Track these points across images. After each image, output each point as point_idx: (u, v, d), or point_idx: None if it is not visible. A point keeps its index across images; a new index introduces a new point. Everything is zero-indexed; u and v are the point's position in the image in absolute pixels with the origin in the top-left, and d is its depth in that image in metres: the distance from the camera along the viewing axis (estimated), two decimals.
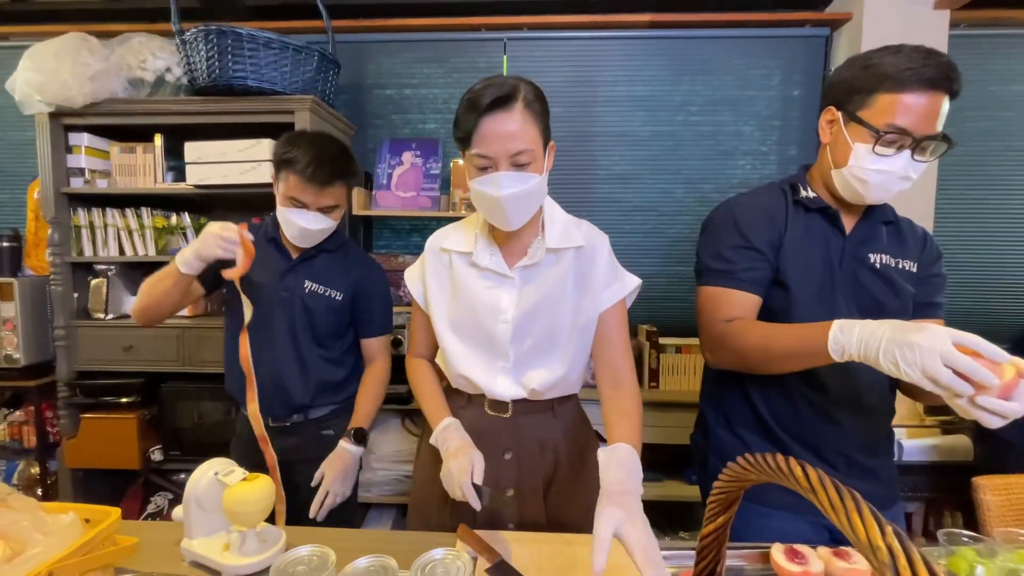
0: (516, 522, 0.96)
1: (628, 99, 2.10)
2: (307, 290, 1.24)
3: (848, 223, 0.98)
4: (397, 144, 2.00)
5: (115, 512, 0.82)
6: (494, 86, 0.82)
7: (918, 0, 1.82)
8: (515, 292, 0.94)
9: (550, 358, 0.94)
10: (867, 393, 0.96)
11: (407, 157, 1.97)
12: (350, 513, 1.32)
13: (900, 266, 0.98)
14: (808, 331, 0.80)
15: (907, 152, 0.85)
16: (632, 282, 0.97)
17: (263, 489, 0.83)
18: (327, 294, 1.25)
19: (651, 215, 2.14)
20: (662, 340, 1.90)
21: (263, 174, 1.61)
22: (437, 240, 1.02)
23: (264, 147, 1.60)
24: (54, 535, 0.77)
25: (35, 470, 1.89)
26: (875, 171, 0.87)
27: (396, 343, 1.88)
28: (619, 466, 0.76)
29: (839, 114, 0.92)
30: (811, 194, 0.98)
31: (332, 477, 1.12)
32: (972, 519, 1.06)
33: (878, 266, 0.96)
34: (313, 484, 1.14)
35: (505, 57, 2.08)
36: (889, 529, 0.27)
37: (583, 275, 0.95)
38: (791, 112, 2.08)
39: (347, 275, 1.28)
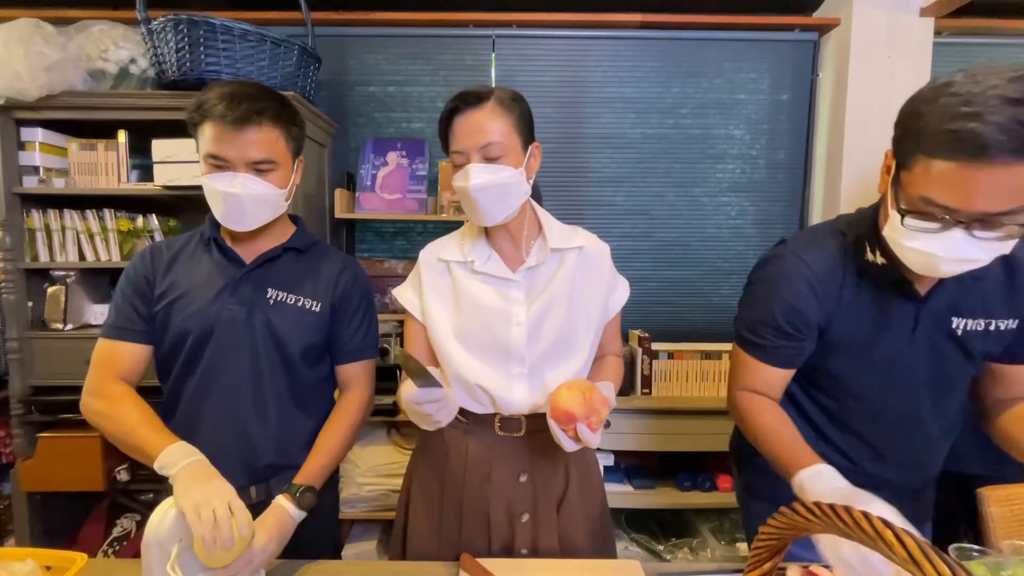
0: (529, 548, 0.92)
1: (619, 100, 2.06)
2: (271, 301, 0.95)
3: (924, 284, 0.81)
4: (382, 144, 1.91)
5: (80, 558, 0.74)
6: (468, 90, 0.87)
7: (904, 8, 1.84)
8: (522, 295, 0.93)
9: (566, 357, 0.94)
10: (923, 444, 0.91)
11: (392, 157, 1.89)
12: (331, 532, 1.12)
13: (992, 327, 0.82)
14: (785, 457, 0.80)
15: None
16: (626, 286, 1.03)
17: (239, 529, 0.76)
18: (300, 304, 0.97)
19: (642, 219, 2.11)
20: (655, 346, 1.88)
21: None
22: (432, 252, 0.99)
23: None
24: None
25: None
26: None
27: (382, 352, 1.80)
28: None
29: (893, 162, 0.73)
30: (878, 260, 0.80)
31: (267, 538, 0.79)
32: (973, 529, 1.05)
33: (959, 333, 0.82)
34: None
35: (493, 55, 2.02)
36: None
37: (588, 277, 0.96)
38: (780, 116, 2.08)
39: (326, 280, 1.00)
